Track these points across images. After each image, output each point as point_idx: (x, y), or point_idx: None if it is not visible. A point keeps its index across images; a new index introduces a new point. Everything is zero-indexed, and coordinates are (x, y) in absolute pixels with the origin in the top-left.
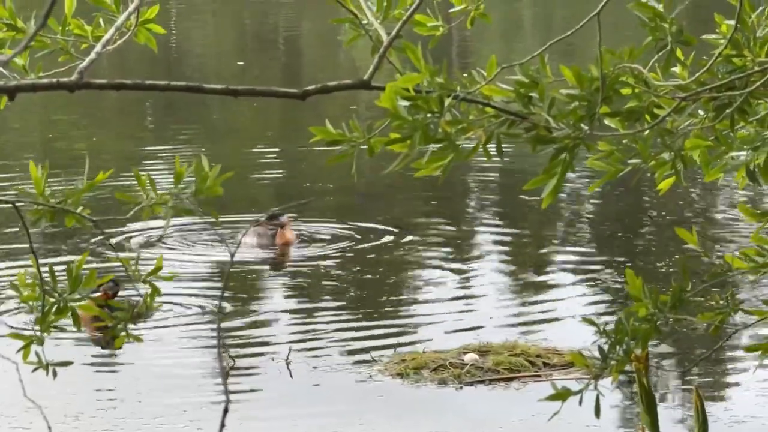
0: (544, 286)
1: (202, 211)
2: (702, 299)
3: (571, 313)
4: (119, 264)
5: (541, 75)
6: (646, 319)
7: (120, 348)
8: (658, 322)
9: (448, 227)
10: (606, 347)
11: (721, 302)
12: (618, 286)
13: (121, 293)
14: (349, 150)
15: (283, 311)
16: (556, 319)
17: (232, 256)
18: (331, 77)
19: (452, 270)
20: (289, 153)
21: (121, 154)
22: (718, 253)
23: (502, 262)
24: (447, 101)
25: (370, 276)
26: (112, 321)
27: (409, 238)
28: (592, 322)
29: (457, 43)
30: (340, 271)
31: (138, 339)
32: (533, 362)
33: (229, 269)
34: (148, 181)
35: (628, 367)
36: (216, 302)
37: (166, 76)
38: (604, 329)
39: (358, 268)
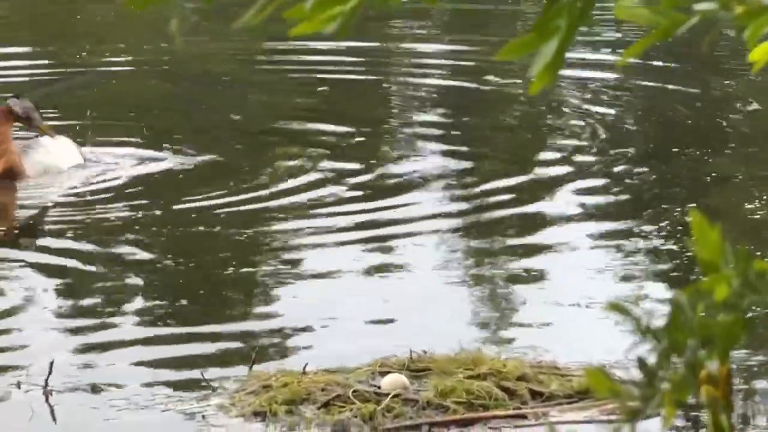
0: (533, 242)
1: None
2: None
3: (584, 295)
4: None
5: None
6: (727, 304)
7: None
8: (750, 312)
9: (349, 134)
10: (653, 360)
11: None
12: (671, 246)
13: None
14: None
15: (39, 299)
16: (556, 308)
17: None
18: None
19: (354, 208)
20: None
21: None
22: None
23: (452, 196)
24: None
25: (202, 231)
26: None
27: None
28: (623, 310)
29: None
30: (146, 230)
31: None
32: (513, 390)
33: None
34: None
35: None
36: None
37: None
38: (648, 326)
39: (178, 221)
